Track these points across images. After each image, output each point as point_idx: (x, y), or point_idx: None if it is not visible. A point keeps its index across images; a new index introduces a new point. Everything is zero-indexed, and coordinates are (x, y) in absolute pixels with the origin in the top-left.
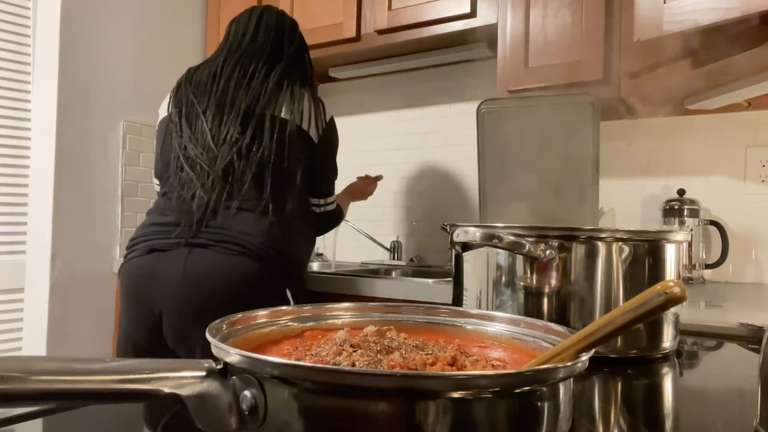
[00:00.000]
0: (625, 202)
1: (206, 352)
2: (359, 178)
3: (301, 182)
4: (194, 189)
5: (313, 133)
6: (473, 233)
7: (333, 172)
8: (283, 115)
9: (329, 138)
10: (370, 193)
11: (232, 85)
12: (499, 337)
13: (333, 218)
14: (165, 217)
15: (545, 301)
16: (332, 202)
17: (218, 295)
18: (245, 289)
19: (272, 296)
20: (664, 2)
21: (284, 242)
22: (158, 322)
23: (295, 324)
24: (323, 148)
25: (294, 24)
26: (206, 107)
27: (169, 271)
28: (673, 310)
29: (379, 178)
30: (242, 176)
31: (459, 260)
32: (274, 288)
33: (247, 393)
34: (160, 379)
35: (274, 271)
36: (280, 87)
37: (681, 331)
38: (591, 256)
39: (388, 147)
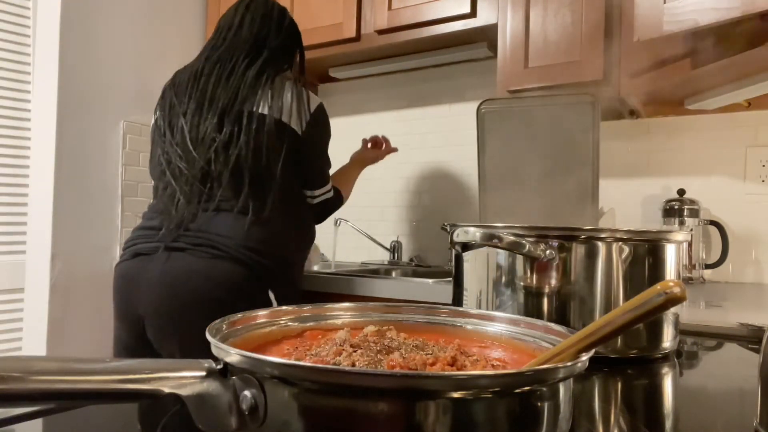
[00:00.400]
0: (625, 202)
1: (185, 356)
2: (374, 139)
3: (286, 177)
4: (173, 192)
5: (295, 125)
6: (473, 233)
7: (324, 162)
8: (261, 110)
9: (316, 128)
10: (382, 158)
11: (211, 84)
12: (499, 337)
13: (331, 205)
14: (151, 221)
15: (545, 301)
16: (328, 191)
17: (194, 299)
18: (222, 293)
19: (252, 298)
20: (664, 2)
21: (264, 242)
22: (143, 325)
23: (295, 324)
24: (310, 139)
25: (282, 12)
26: (186, 108)
27: (149, 275)
28: (673, 310)
29: (394, 149)
30: (219, 177)
31: (459, 260)
32: (253, 290)
33: (247, 393)
34: (160, 379)
35: (253, 272)
36: (259, 80)
37: (681, 331)
38: (591, 256)
39: None
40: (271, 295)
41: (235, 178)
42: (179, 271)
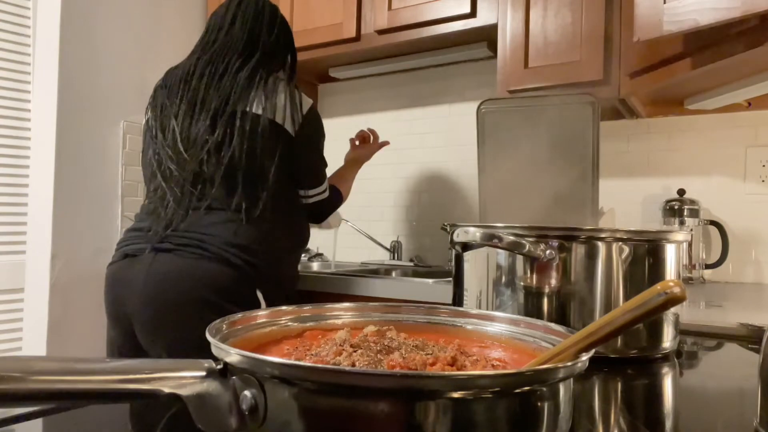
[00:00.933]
0: (625, 202)
1: (172, 356)
2: (360, 135)
3: (279, 178)
4: (164, 194)
5: (288, 126)
6: (473, 233)
7: (319, 162)
8: (254, 110)
9: (309, 128)
10: (375, 152)
11: (203, 84)
12: (499, 337)
13: (328, 206)
14: (141, 223)
15: (545, 301)
16: (323, 191)
17: (181, 299)
18: (208, 293)
19: (239, 298)
20: (664, 2)
21: (254, 241)
22: (132, 325)
23: (295, 324)
24: (303, 140)
25: (274, 10)
26: (178, 109)
27: (136, 276)
28: (673, 310)
29: (386, 143)
30: (212, 178)
31: (459, 260)
32: (240, 290)
33: (247, 393)
34: (160, 379)
35: (240, 272)
36: (252, 81)
37: (681, 331)
38: (591, 256)
39: (388, 147)
40: (260, 296)
41: (228, 180)
42: (165, 272)
